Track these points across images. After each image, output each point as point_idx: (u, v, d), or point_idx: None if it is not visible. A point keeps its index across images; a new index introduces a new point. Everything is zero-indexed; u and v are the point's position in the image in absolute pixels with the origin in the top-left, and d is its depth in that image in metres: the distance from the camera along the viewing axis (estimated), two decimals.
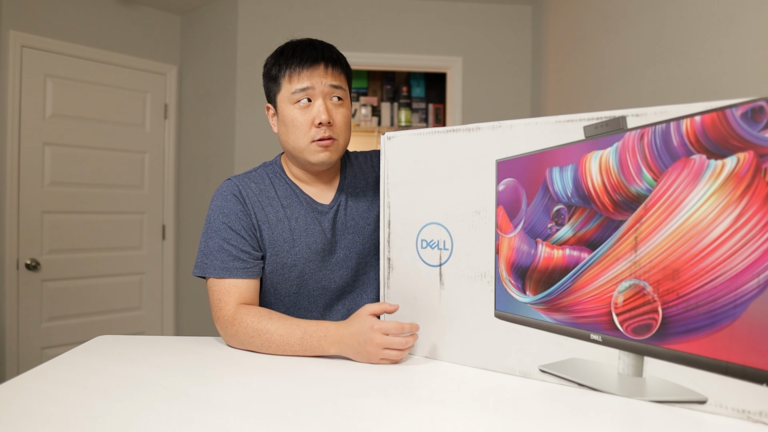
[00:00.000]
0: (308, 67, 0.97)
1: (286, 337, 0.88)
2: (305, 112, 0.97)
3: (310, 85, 0.96)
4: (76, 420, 0.61)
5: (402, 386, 0.75)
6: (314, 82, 0.96)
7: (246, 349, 0.92)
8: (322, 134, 0.96)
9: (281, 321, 0.90)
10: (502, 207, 0.79)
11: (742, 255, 0.60)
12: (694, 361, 0.64)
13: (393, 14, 2.89)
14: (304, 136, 0.97)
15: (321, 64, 0.97)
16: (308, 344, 0.87)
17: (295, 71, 0.97)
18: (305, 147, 0.98)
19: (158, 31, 2.99)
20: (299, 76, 0.97)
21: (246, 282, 0.98)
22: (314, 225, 1.03)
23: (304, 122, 0.97)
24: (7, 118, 2.42)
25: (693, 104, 0.63)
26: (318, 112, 0.96)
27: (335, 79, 0.98)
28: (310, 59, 0.97)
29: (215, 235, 0.99)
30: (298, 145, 0.98)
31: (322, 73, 0.97)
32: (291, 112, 0.98)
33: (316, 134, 0.96)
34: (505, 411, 0.66)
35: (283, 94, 0.99)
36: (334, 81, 0.98)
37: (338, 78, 0.99)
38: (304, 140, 0.97)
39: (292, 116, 0.97)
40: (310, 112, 0.97)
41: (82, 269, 2.70)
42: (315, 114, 0.96)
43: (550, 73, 2.65)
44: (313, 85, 0.96)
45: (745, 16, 1.33)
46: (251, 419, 0.62)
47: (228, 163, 2.84)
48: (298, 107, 0.97)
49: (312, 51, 0.98)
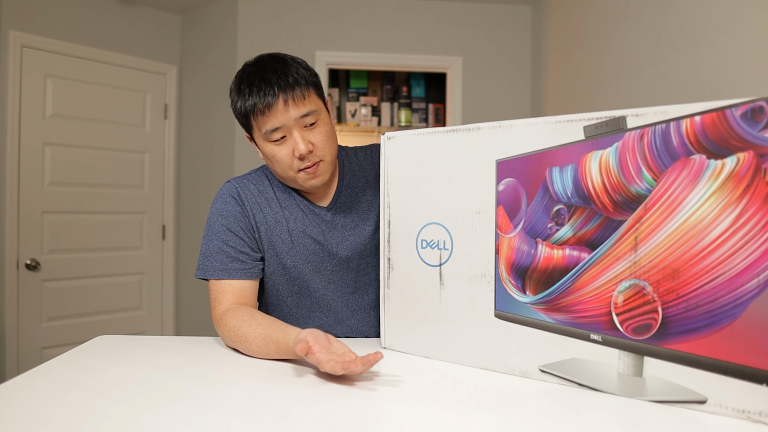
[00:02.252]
0: (270, 108, 0.92)
1: (263, 349, 0.86)
2: (283, 147, 0.95)
3: (278, 125, 0.93)
4: (76, 420, 0.61)
5: (402, 386, 0.75)
6: (282, 120, 0.92)
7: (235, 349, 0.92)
8: (306, 164, 0.95)
9: (259, 329, 0.87)
10: (502, 207, 0.79)
11: (742, 255, 0.60)
12: (694, 361, 0.64)
13: (393, 14, 2.89)
14: (289, 168, 0.96)
15: (279, 99, 0.91)
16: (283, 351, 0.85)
17: (257, 115, 0.93)
18: (294, 177, 0.97)
19: (158, 31, 2.99)
20: (264, 117, 0.93)
21: (243, 283, 0.98)
22: (313, 227, 1.03)
23: (285, 156, 0.95)
24: (7, 118, 2.42)
25: (693, 104, 0.63)
26: (296, 145, 0.93)
27: (299, 107, 0.93)
28: (266, 97, 0.92)
29: (215, 237, 0.99)
30: (287, 176, 0.98)
31: (283, 109, 0.92)
32: (270, 149, 0.96)
33: (300, 165, 0.95)
34: (505, 411, 0.66)
35: (257, 134, 0.96)
36: (299, 111, 0.93)
37: (303, 103, 0.93)
38: (290, 172, 0.96)
39: (272, 152, 0.96)
40: (288, 145, 0.95)
41: (82, 269, 2.70)
42: (293, 146, 0.94)
43: (550, 73, 2.65)
44: (282, 124, 0.93)
45: (745, 16, 1.33)
46: (252, 419, 0.62)
47: (228, 163, 2.84)
48: (275, 144, 0.95)
49: (265, 85, 0.92)
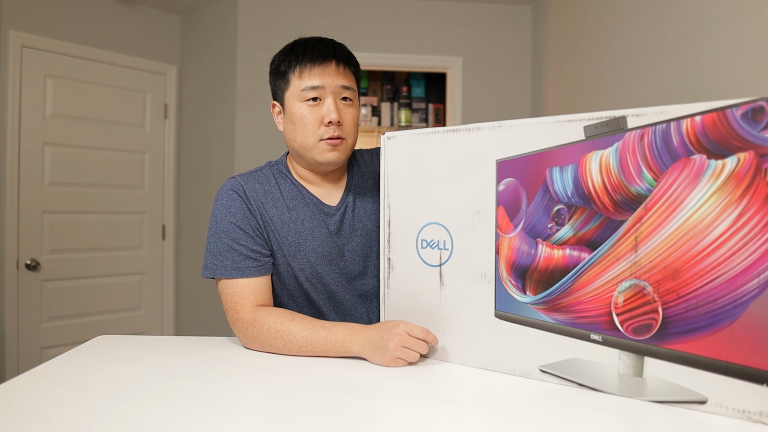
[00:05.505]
0: (319, 64, 0.95)
1: (310, 338, 0.87)
2: (314, 110, 0.95)
3: (320, 84, 0.95)
4: (76, 420, 0.61)
5: (402, 386, 0.75)
6: (325, 81, 0.95)
7: (266, 351, 0.91)
8: (331, 133, 0.95)
9: (304, 322, 0.90)
10: (503, 207, 0.79)
11: (742, 255, 0.60)
12: (694, 361, 0.64)
13: (393, 14, 2.89)
14: (313, 134, 0.96)
15: (333, 62, 0.96)
16: (331, 343, 0.87)
17: (306, 68, 0.95)
18: (313, 145, 0.96)
19: (158, 31, 2.99)
20: (310, 73, 0.95)
21: (259, 280, 0.96)
22: (320, 227, 1.01)
23: (313, 120, 0.95)
24: (7, 118, 2.42)
25: (693, 104, 0.63)
26: (328, 111, 0.94)
27: (346, 78, 0.97)
28: (321, 56, 0.95)
29: (224, 235, 0.96)
30: (306, 143, 0.96)
31: (334, 72, 0.95)
32: (300, 109, 0.96)
33: (325, 133, 0.95)
34: (505, 411, 0.66)
35: (292, 91, 0.97)
36: (345, 81, 0.97)
37: (349, 78, 0.98)
38: (312, 138, 0.96)
39: (301, 113, 0.96)
40: (320, 110, 0.95)
41: (82, 269, 2.70)
42: (325, 112, 0.95)
43: (550, 73, 2.65)
44: (324, 84, 0.95)
45: (745, 16, 1.33)
46: (252, 419, 0.62)
47: (228, 163, 2.84)
48: (307, 105, 0.96)
49: (324, 48, 0.96)
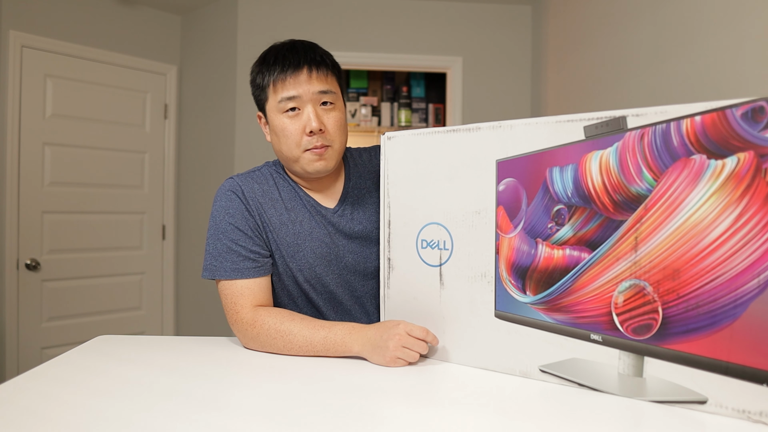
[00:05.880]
0: (291, 74, 0.93)
1: (309, 338, 0.87)
2: (295, 121, 0.94)
3: (296, 93, 0.93)
4: (76, 420, 0.61)
5: (402, 387, 0.75)
6: (300, 90, 0.93)
7: (266, 351, 0.92)
8: (314, 143, 0.94)
9: (303, 322, 0.90)
10: (503, 207, 0.79)
11: (742, 255, 0.60)
12: (694, 361, 0.64)
13: (393, 14, 2.89)
14: (297, 145, 0.95)
15: (303, 69, 0.93)
16: (331, 342, 0.87)
17: (278, 79, 0.93)
18: (299, 156, 0.95)
19: (158, 31, 2.99)
20: (284, 84, 0.93)
21: (258, 281, 0.96)
22: (319, 229, 1.00)
23: (294, 131, 0.94)
24: (7, 118, 2.42)
25: (693, 104, 0.63)
26: (308, 120, 0.93)
27: (321, 83, 0.94)
28: (292, 65, 0.93)
29: (223, 237, 0.96)
30: (292, 155, 0.96)
31: (306, 79, 0.93)
32: (281, 121, 0.95)
33: (309, 143, 0.94)
34: (505, 411, 0.66)
35: (271, 104, 0.96)
36: (320, 86, 0.94)
37: (324, 81, 0.95)
38: (296, 150, 0.95)
39: (283, 125, 0.95)
40: (300, 119, 0.94)
41: (82, 269, 2.70)
42: (305, 122, 0.93)
43: (550, 73, 2.65)
44: (299, 93, 0.93)
45: (745, 16, 1.33)
46: (252, 419, 0.62)
47: (228, 163, 2.84)
48: (286, 116, 0.94)
49: (293, 56, 0.94)
